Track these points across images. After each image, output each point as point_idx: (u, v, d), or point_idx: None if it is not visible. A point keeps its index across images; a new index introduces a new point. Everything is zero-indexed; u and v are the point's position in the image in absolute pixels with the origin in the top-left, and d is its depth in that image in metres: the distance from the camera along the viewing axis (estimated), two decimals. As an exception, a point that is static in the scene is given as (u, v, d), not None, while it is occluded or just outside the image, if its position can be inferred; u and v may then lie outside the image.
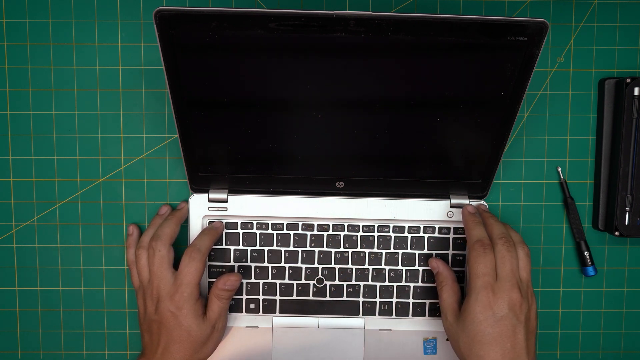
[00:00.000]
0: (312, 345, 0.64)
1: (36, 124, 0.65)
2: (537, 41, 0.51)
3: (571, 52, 0.65)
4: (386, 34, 0.50)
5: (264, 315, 0.65)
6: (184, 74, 0.53)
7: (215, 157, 0.61)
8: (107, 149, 0.65)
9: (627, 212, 0.64)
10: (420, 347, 0.65)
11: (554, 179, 0.67)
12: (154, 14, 0.49)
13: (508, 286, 0.55)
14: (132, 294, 0.67)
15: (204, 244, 0.60)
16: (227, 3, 0.65)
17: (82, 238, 0.66)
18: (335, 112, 0.57)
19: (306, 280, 0.64)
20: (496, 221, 0.60)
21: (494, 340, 0.54)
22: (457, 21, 0.49)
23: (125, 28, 0.64)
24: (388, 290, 0.65)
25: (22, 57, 0.64)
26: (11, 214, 0.66)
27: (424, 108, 0.57)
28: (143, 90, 0.65)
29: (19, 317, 0.67)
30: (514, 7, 0.65)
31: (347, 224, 0.64)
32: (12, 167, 0.65)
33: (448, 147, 0.60)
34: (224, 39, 0.51)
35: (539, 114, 0.66)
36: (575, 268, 0.67)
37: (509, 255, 0.56)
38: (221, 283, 0.60)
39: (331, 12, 0.49)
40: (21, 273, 0.66)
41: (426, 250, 0.64)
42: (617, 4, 0.65)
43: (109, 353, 0.67)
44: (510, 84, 0.54)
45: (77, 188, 0.66)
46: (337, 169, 0.62)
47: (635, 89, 0.62)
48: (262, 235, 0.64)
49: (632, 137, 0.62)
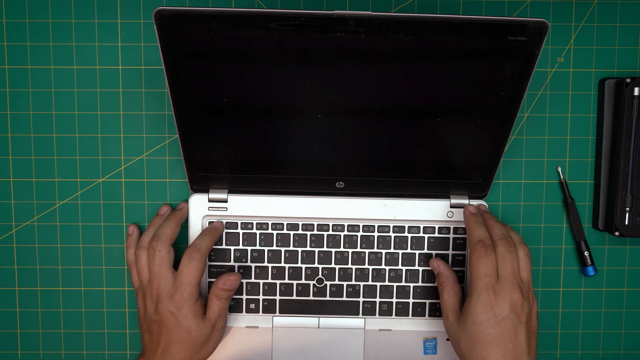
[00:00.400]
0: (312, 345, 0.64)
1: (36, 124, 0.65)
2: (537, 41, 0.51)
3: (571, 52, 0.65)
4: (386, 34, 0.50)
5: (264, 315, 0.65)
6: (184, 74, 0.53)
7: (215, 157, 0.61)
8: (107, 149, 0.65)
9: (627, 212, 0.64)
10: (420, 347, 0.65)
11: (554, 179, 0.67)
12: (154, 14, 0.49)
13: (509, 287, 0.55)
14: (132, 294, 0.66)
15: (203, 244, 0.60)
16: (227, 3, 0.65)
17: (82, 238, 0.66)
18: (335, 112, 0.57)
19: (306, 280, 0.64)
20: (496, 222, 0.60)
21: (495, 340, 0.54)
22: (457, 21, 0.49)
23: (125, 28, 0.64)
24: (388, 290, 0.65)
25: (22, 57, 0.64)
26: (11, 214, 0.66)
27: (424, 108, 0.56)
28: (143, 90, 0.65)
29: (19, 317, 0.67)
30: (514, 7, 0.65)
31: (347, 224, 0.64)
32: (12, 167, 0.65)
33: (448, 147, 0.60)
34: (224, 39, 0.51)
35: (539, 114, 0.66)
36: (575, 268, 0.67)
37: (509, 255, 0.56)
38: (221, 283, 0.60)
39: (331, 12, 0.49)
40: (21, 273, 0.66)
41: (426, 251, 0.64)
42: (617, 4, 0.65)
43: (109, 353, 0.67)
44: (510, 84, 0.54)
45: (77, 188, 0.66)
46: (337, 169, 0.62)
47: (635, 89, 0.62)
48: (262, 235, 0.64)
49: (632, 137, 0.62)
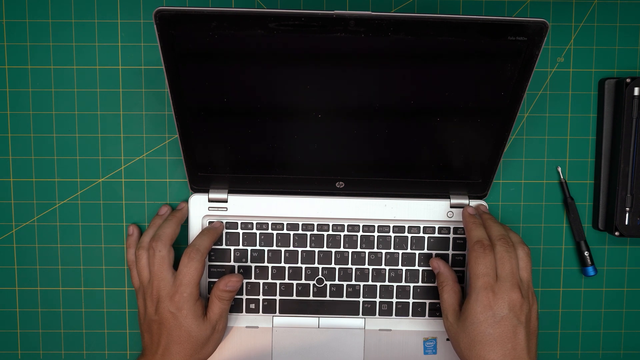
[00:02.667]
0: (312, 345, 0.64)
1: (36, 124, 0.65)
2: (537, 41, 0.51)
3: (571, 52, 0.65)
4: (386, 34, 0.50)
5: (264, 315, 0.65)
6: (184, 74, 0.53)
7: (215, 157, 0.61)
8: (107, 149, 0.65)
9: (627, 212, 0.64)
10: (420, 347, 0.65)
11: (554, 179, 0.67)
12: (154, 14, 0.49)
13: (508, 286, 0.55)
14: (132, 294, 0.66)
15: (203, 244, 0.60)
16: (227, 3, 0.65)
17: (82, 238, 0.66)
18: (335, 113, 0.57)
19: (306, 280, 0.64)
20: (495, 222, 0.60)
21: (494, 340, 0.54)
22: (457, 21, 0.49)
23: (125, 28, 0.64)
24: (388, 290, 0.65)
25: (22, 57, 0.64)
26: (11, 214, 0.66)
27: (424, 108, 0.56)
28: (143, 90, 0.65)
29: (19, 317, 0.67)
30: (514, 7, 0.65)
31: (347, 224, 0.64)
32: (12, 167, 0.65)
33: (448, 147, 0.60)
34: (224, 39, 0.51)
35: (539, 114, 0.66)
36: (575, 268, 0.67)
37: (508, 255, 0.56)
38: (222, 284, 0.60)
39: (331, 12, 0.49)
40: (21, 273, 0.66)
41: (426, 250, 0.64)
42: (617, 4, 0.65)
43: (109, 353, 0.67)
44: (510, 84, 0.54)
45: (77, 188, 0.66)
46: (337, 169, 0.62)
47: (635, 89, 0.62)
48: (262, 235, 0.64)
49: (632, 137, 0.62)
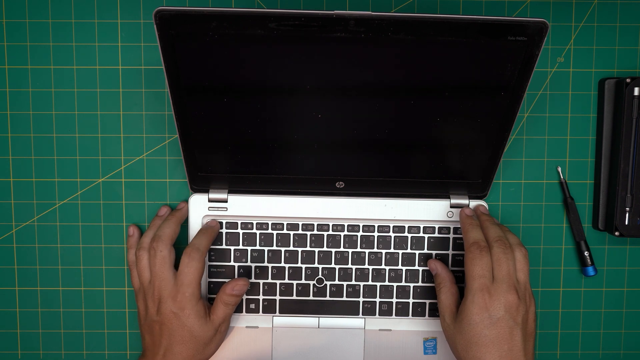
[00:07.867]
0: (312, 345, 0.64)
1: (36, 124, 0.65)
2: (537, 41, 0.51)
3: (571, 52, 0.65)
4: (386, 34, 0.50)
5: (264, 315, 0.65)
6: (183, 74, 0.53)
7: (215, 157, 0.61)
8: (107, 149, 0.65)
9: (627, 212, 0.64)
10: (420, 347, 0.65)
11: (554, 179, 0.67)
12: (154, 14, 0.49)
13: (504, 288, 0.55)
14: (132, 294, 0.66)
15: (202, 243, 0.60)
16: (227, 3, 0.65)
17: (82, 238, 0.66)
18: (335, 113, 0.57)
19: (306, 280, 0.64)
20: (493, 224, 0.60)
21: (490, 342, 0.54)
22: (457, 21, 0.49)
23: (125, 28, 0.64)
24: (388, 290, 0.65)
25: (22, 57, 0.64)
26: (11, 214, 0.66)
27: (424, 108, 0.57)
28: (143, 90, 0.65)
29: (19, 317, 0.67)
30: (514, 7, 0.65)
31: (347, 224, 0.64)
32: (12, 167, 0.65)
33: (448, 147, 0.60)
34: (224, 39, 0.51)
35: (539, 114, 0.66)
36: (575, 268, 0.67)
37: (504, 257, 0.56)
38: (229, 288, 0.60)
39: (331, 12, 0.49)
40: (21, 273, 0.66)
41: (426, 250, 0.64)
42: (617, 4, 0.65)
43: (109, 353, 0.67)
44: (510, 84, 0.54)
45: (77, 188, 0.66)
46: (337, 169, 0.62)
47: (635, 89, 0.62)
48: (262, 235, 0.64)
49: (632, 137, 0.62)
